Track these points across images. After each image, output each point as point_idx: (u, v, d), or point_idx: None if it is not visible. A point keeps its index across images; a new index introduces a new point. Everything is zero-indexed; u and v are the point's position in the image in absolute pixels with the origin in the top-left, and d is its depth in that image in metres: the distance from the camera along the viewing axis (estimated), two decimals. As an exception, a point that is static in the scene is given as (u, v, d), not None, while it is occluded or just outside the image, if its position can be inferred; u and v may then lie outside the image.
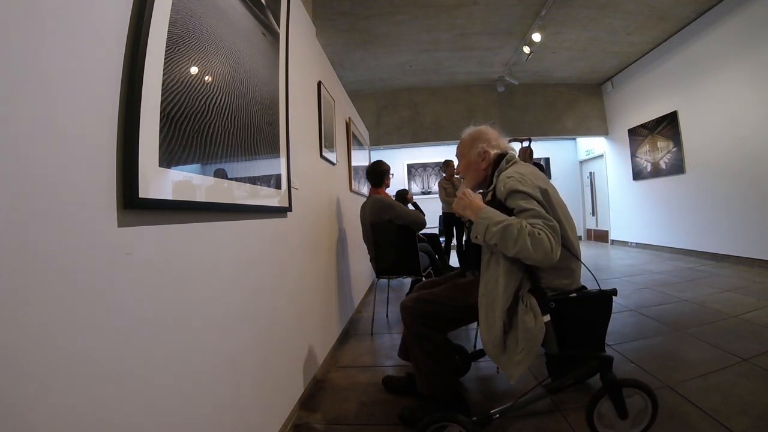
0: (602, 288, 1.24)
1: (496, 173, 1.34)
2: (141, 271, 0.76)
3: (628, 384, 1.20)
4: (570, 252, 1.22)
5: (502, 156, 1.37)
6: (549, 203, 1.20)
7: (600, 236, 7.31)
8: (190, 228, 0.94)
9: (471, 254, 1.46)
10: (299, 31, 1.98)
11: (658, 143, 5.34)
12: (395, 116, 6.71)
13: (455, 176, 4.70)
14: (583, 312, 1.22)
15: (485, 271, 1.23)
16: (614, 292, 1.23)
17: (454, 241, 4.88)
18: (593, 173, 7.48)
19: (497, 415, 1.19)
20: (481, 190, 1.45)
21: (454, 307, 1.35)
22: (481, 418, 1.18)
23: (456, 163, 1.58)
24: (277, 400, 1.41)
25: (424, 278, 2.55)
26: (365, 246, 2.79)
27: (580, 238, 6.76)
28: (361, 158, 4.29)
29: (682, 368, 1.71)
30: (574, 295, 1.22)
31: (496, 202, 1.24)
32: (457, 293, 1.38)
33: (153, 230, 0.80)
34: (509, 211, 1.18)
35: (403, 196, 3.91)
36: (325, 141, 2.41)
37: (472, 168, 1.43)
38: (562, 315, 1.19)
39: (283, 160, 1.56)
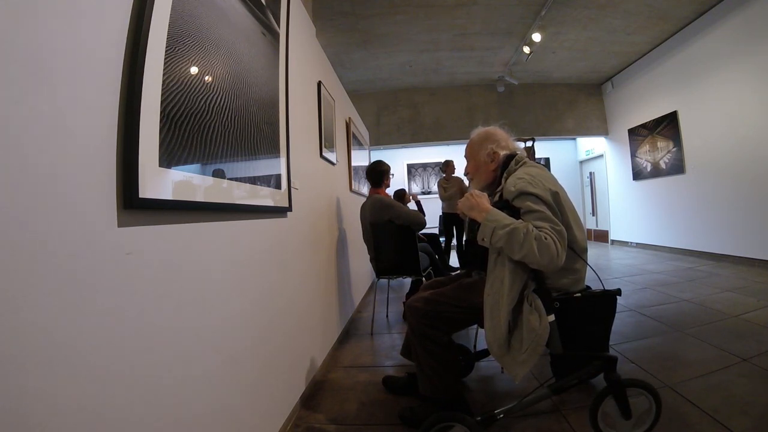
0: (606, 288, 1.24)
1: (504, 174, 1.33)
2: (141, 271, 0.76)
3: (632, 384, 1.19)
4: (576, 253, 1.22)
5: (511, 157, 1.36)
6: (559, 206, 1.19)
7: (600, 236, 7.31)
8: (190, 228, 0.94)
9: (471, 254, 1.45)
10: (299, 31, 1.98)
11: (658, 143, 5.34)
12: (395, 116, 6.70)
13: (454, 176, 4.70)
14: (587, 312, 1.22)
15: (491, 271, 1.22)
16: (618, 292, 1.23)
17: (454, 241, 4.88)
18: (593, 173, 7.48)
19: (501, 415, 1.18)
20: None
21: (460, 307, 1.35)
22: (485, 417, 1.18)
23: (455, 162, 1.57)
24: (278, 400, 1.41)
25: (424, 278, 2.55)
26: (365, 246, 2.78)
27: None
28: (361, 158, 4.28)
29: (682, 368, 1.70)
30: (579, 295, 1.22)
31: (502, 203, 1.23)
32: (463, 293, 1.38)
33: (153, 230, 0.80)
34: (515, 211, 1.17)
35: (401, 196, 3.90)
36: (325, 141, 2.41)
37: (481, 169, 1.42)
38: (566, 315, 1.19)
39: (283, 160, 1.56)
